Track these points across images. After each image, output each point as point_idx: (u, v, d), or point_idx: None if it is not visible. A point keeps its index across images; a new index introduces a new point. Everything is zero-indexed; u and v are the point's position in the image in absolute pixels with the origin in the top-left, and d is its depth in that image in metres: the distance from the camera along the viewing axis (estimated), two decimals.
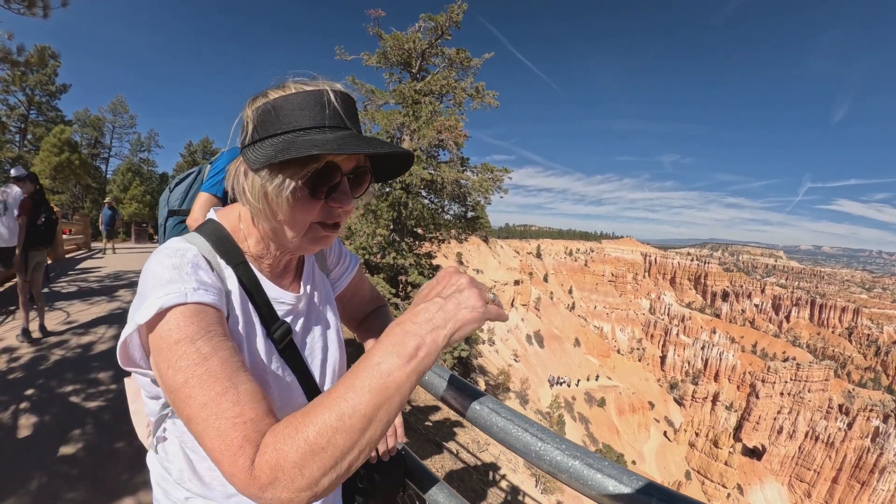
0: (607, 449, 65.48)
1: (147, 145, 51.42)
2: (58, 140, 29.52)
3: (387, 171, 1.16)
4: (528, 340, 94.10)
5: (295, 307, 1.18)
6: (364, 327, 1.59)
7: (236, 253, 1.08)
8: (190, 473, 1.06)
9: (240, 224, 1.11)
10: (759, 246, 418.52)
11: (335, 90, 0.98)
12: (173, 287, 0.86)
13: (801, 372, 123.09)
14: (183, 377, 0.80)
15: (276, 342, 1.09)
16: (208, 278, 0.94)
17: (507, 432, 1.30)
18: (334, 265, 1.46)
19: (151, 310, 0.83)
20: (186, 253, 0.96)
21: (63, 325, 7.55)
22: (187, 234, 1.09)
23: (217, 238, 1.07)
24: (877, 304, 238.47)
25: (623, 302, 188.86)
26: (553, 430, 1.26)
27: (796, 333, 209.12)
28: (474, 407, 1.41)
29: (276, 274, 1.17)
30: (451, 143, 12.17)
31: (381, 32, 13.74)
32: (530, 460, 1.24)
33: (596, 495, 1.10)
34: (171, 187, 3.04)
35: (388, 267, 12.51)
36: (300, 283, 1.24)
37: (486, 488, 6.37)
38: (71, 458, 3.92)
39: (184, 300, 0.85)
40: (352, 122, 0.99)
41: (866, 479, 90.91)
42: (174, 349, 0.82)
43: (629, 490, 1.04)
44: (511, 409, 1.36)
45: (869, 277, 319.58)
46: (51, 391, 5.13)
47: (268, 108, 0.96)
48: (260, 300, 1.08)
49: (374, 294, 1.66)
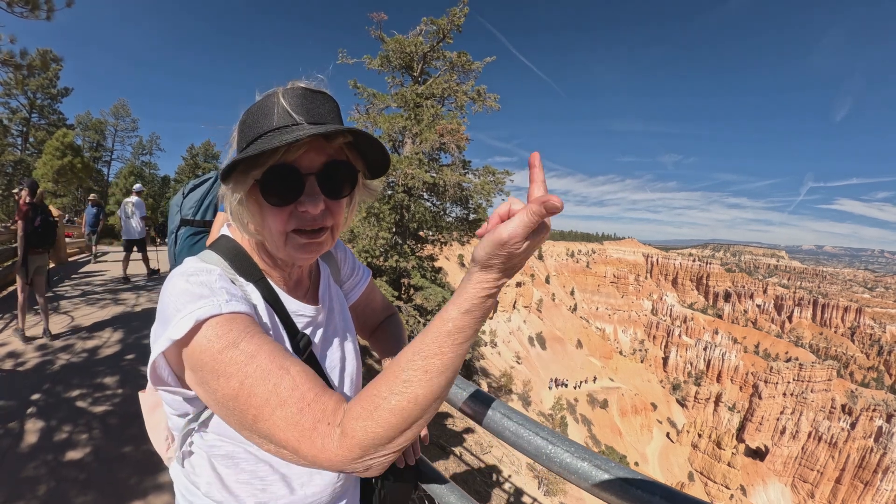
0: (610, 450, 65.38)
1: (149, 148, 51.46)
2: (60, 143, 29.58)
3: (381, 162, 1.07)
4: (530, 342, 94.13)
5: (314, 319, 1.19)
6: (377, 336, 1.61)
7: (254, 269, 1.08)
8: (219, 486, 1.06)
9: (251, 240, 1.10)
10: (761, 246, 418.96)
11: (287, 88, 0.97)
12: (205, 301, 0.86)
13: (803, 372, 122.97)
14: (238, 381, 0.81)
15: (299, 353, 1.09)
16: (237, 292, 0.95)
17: (520, 436, 1.34)
18: (347, 277, 1.47)
19: (188, 323, 0.82)
20: (212, 271, 0.96)
21: (68, 329, 7.56)
22: (201, 252, 1.09)
23: (233, 255, 1.08)
24: (879, 303, 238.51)
25: (625, 303, 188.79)
26: (559, 433, 1.30)
27: (799, 333, 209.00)
28: (487, 413, 1.45)
29: (291, 287, 1.17)
30: (452, 147, 12.20)
31: (383, 36, 13.77)
32: (541, 462, 1.27)
33: (604, 495, 1.14)
34: (184, 192, 2.82)
35: (391, 270, 12.54)
36: (317, 295, 1.25)
37: (490, 490, 6.39)
38: (78, 463, 3.94)
39: (219, 311, 0.85)
40: (309, 115, 0.95)
41: (870, 479, 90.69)
42: (220, 358, 0.82)
43: (634, 489, 1.07)
44: (522, 413, 1.41)
45: (871, 277, 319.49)
46: (57, 396, 5.15)
47: (241, 123, 0.99)
48: (281, 314, 1.09)
49: (386, 303, 1.68)
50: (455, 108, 13.56)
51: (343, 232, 5.97)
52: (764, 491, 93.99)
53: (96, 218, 16.49)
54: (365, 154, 1.06)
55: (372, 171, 1.10)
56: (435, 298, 11.89)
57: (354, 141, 1.01)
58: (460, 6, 12.96)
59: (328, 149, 0.98)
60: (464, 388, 1.58)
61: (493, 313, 1.39)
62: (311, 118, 0.95)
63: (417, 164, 11.68)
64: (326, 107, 1.00)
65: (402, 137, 13.03)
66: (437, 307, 11.88)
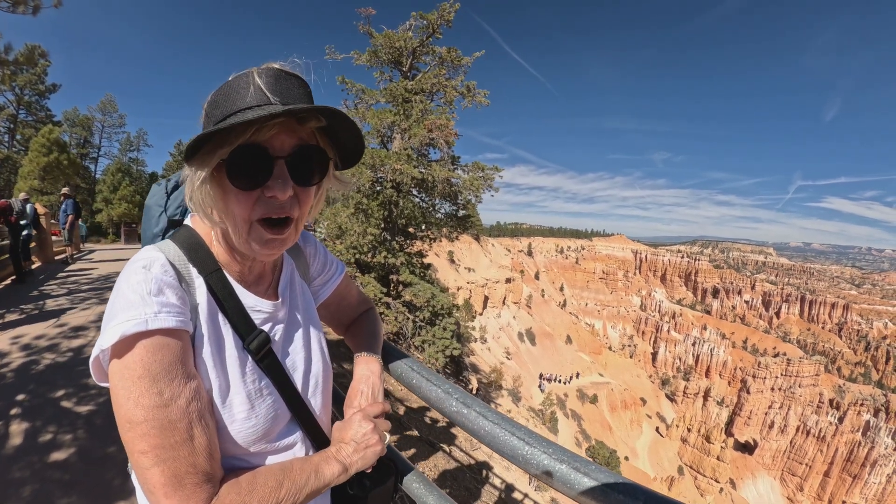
0: (600, 445, 65.52)
1: (136, 144, 50.92)
2: (46, 140, 29.18)
3: (354, 150, 1.07)
4: (520, 338, 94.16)
5: (273, 315, 1.16)
6: (352, 332, 1.57)
7: (210, 261, 1.05)
8: None
9: (212, 230, 1.07)
10: (749, 243, 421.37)
11: (263, 68, 0.93)
12: (134, 312, 0.85)
13: (791, 367, 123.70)
14: (143, 415, 0.82)
15: (252, 352, 1.06)
16: (172, 296, 0.92)
17: (495, 436, 1.30)
18: (318, 272, 1.43)
19: (114, 336, 0.83)
20: (152, 266, 0.94)
21: (54, 329, 7.48)
22: (161, 241, 1.07)
23: (190, 245, 1.05)
24: (866, 299, 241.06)
25: (614, 299, 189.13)
26: (539, 433, 1.27)
27: (786, 329, 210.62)
28: (462, 411, 1.41)
29: (250, 281, 1.14)
30: (441, 142, 12.15)
31: (371, 31, 13.67)
32: (518, 464, 1.24)
33: (583, 499, 1.10)
34: (167, 190, 2.57)
35: (380, 266, 12.49)
36: (277, 291, 1.21)
37: (480, 487, 6.36)
38: (63, 464, 3.90)
39: (144, 327, 0.84)
40: (283, 96, 0.91)
41: (858, 472, 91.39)
42: (137, 384, 0.83)
43: (615, 493, 1.04)
44: (499, 413, 1.37)
45: (858, 274, 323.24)
46: (42, 396, 5.08)
47: (210, 101, 0.95)
48: (234, 309, 1.05)
49: (362, 298, 1.65)
50: (444, 103, 13.50)
51: (331, 228, 5.98)
52: (753, 484, 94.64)
53: (66, 214, 15.79)
54: (337, 142, 1.03)
55: (344, 160, 1.08)
56: (424, 295, 11.85)
57: (328, 127, 0.99)
58: (451, 1, 12.89)
59: (300, 132, 0.95)
60: (438, 384, 1.53)
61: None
62: (285, 100, 0.91)
63: (406, 159, 11.62)
64: (301, 90, 0.96)
65: (390, 133, 12.97)
66: (426, 303, 11.87)
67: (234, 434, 1.00)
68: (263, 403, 1.06)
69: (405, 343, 12.05)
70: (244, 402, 1.02)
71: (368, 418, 1.22)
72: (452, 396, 1.46)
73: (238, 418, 1.00)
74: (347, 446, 1.14)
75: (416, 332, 12.05)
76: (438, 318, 12.24)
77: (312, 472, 1.02)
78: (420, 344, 11.86)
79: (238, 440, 1.00)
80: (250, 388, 1.04)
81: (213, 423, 0.94)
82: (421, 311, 12.11)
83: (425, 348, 11.72)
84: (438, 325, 12.09)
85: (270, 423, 1.07)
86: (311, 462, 1.05)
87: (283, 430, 1.13)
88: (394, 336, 11.90)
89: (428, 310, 12.00)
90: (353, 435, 1.17)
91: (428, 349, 11.64)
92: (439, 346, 11.59)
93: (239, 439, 1.00)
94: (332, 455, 1.10)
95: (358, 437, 1.16)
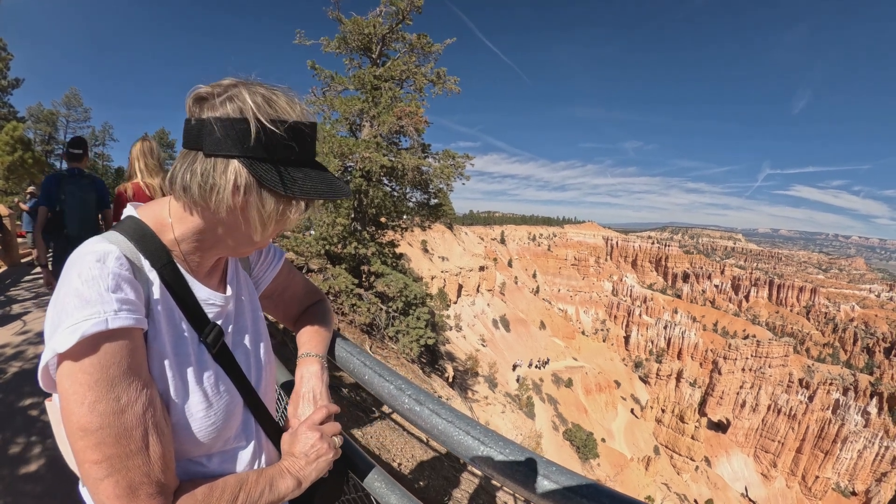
0: (577, 428, 66.44)
1: (102, 139, 49.97)
2: (10, 138, 28.12)
3: None
4: (494, 325, 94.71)
5: (224, 309, 1.12)
6: (302, 324, 1.49)
7: (161, 253, 0.98)
8: None
9: (168, 219, 1.00)
10: (719, 229, 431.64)
11: (310, 122, 0.96)
12: (91, 310, 0.79)
13: (761, 349, 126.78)
14: (99, 422, 0.78)
15: (209, 346, 1.04)
16: (130, 292, 0.88)
17: (449, 436, 1.24)
18: (256, 260, 1.36)
19: (73, 338, 0.77)
20: (107, 259, 0.87)
21: (19, 336, 7.20)
22: (107, 233, 0.97)
23: (139, 236, 0.97)
24: (833, 283, 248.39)
25: (586, 285, 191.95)
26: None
27: (755, 312, 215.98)
28: (414, 409, 1.33)
29: (205, 274, 1.09)
30: (411, 130, 12.00)
31: (340, 17, 13.40)
32: (474, 465, 1.18)
33: (544, 502, 1.04)
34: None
35: (350, 257, 12.33)
36: (226, 283, 1.17)
37: (458, 475, 6.33)
38: (34, 476, 3.75)
39: (104, 327, 0.79)
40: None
41: (829, 448, 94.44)
42: (93, 389, 0.78)
43: (578, 496, 0.98)
44: (454, 410, 1.28)
45: (825, 259, 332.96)
46: (10, 406, 4.86)
47: (271, 119, 0.90)
48: (189, 303, 1.02)
49: (310, 288, 1.57)
50: (414, 90, 13.35)
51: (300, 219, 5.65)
52: (728, 462, 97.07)
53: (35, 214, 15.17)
54: None
55: None
56: (396, 285, 11.78)
57: None
58: None
59: None
60: (391, 380, 1.45)
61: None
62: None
63: (375, 147, 11.46)
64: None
65: (359, 121, 12.79)
66: (399, 294, 11.78)
67: (195, 431, 0.98)
68: (221, 399, 1.04)
69: (379, 334, 11.98)
70: (202, 398, 0.99)
71: (314, 427, 1.19)
72: (405, 393, 1.39)
73: (197, 416, 0.98)
74: (298, 460, 1.13)
75: (389, 323, 11.99)
76: (412, 308, 12.21)
77: (267, 486, 1.02)
78: (394, 334, 11.82)
79: (198, 437, 0.98)
80: (207, 383, 1.02)
81: (168, 430, 0.91)
82: (394, 302, 12.05)
83: (399, 339, 11.68)
84: (412, 314, 12.05)
85: (228, 419, 1.05)
86: (266, 475, 1.04)
87: (240, 427, 1.12)
88: (367, 327, 11.79)
89: (401, 300, 11.95)
90: (301, 448, 1.15)
91: (402, 339, 11.59)
92: (413, 336, 11.57)
93: (199, 436, 0.98)
94: (285, 469, 1.09)
95: (306, 449, 1.15)
